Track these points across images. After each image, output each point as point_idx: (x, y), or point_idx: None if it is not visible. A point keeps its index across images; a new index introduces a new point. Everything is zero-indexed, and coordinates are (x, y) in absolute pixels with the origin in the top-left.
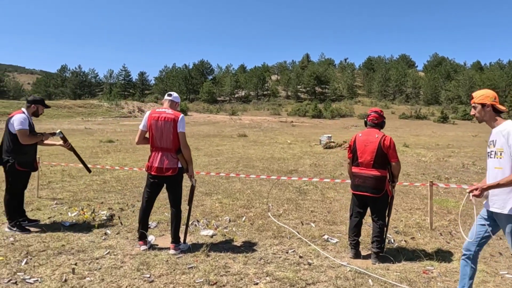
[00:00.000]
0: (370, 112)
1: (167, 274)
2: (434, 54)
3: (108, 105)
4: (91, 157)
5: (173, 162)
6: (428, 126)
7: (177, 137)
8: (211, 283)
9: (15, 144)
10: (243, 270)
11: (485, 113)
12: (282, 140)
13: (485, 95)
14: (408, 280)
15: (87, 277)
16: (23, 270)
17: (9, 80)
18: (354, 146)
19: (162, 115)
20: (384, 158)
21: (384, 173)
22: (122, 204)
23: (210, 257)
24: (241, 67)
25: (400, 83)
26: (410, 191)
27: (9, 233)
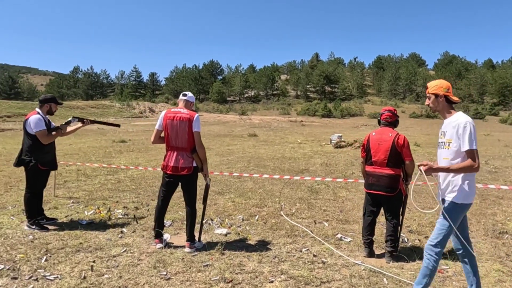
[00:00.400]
0: (383, 111)
1: (183, 271)
2: (445, 52)
3: (120, 105)
4: (105, 157)
5: (188, 161)
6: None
7: (192, 136)
8: (226, 280)
9: (36, 144)
10: (258, 268)
11: (438, 104)
12: (292, 140)
13: (438, 85)
14: None
15: (105, 274)
16: (43, 267)
17: (23, 81)
18: (368, 144)
19: (178, 115)
20: (398, 156)
21: (398, 171)
22: (137, 203)
23: (225, 255)
24: (250, 67)
25: (410, 82)
26: (422, 190)
27: (28, 231)
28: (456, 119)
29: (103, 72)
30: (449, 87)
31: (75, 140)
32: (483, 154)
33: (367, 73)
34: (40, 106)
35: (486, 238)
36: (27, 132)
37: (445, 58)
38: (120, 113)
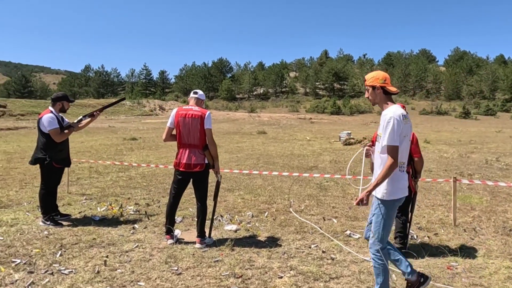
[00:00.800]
0: None
1: (194, 267)
2: (456, 48)
3: (130, 103)
4: (116, 154)
5: (200, 158)
6: (449, 122)
7: (204, 134)
8: (236, 276)
9: (50, 143)
10: (267, 264)
11: (376, 96)
12: (301, 137)
13: (375, 77)
14: (432, 276)
15: (118, 269)
16: (58, 262)
17: (36, 80)
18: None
19: (189, 112)
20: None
21: (407, 168)
22: (148, 200)
23: (235, 251)
24: (259, 65)
25: (420, 79)
26: (432, 187)
27: (43, 226)
28: (387, 113)
29: (114, 71)
30: (386, 78)
31: (87, 138)
32: (493, 151)
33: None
34: (53, 105)
35: (496, 235)
36: (41, 131)
37: (455, 54)
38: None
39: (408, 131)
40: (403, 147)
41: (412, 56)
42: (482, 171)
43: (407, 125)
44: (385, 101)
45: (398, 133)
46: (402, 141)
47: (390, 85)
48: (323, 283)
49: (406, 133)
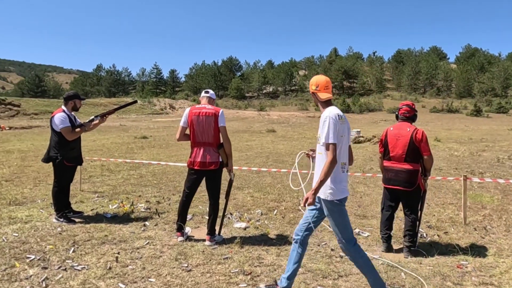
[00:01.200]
0: (401, 105)
1: (203, 264)
2: (467, 45)
3: (141, 102)
4: (127, 152)
5: (215, 156)
6: (460, 120)
7: (218, 132)
8: (246, 273)
9: (62, 141)
10: (276, 262)
11: (316, 101)
12: (310, 135)
13: (310, 83)
14: (441, 274)
15: (129, 265)
16: (71, 258)
17: (49, 80)
18: (386, 139)
19: (203, 110)
20: (416, 151)
21: (417, 166)
22: (159, 197)
23: (244, 249)
24: (268, 63)
25: (431, 76)
26: (442, 185)
27: (56, 223)
28: (323, 115)
29: (125, 70)
30: (319, 85)
31: (99, 137)
32: (505, 149)
33: (387, 68)
34: (65, 104)
35: (508, 234)
36: (53, 130)
37: (467, 51)
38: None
39: (344, 131)
40: (342, 147)
41: (423, 53)
42: (494, 169)
43: (343, 125)
44: (323, 106)
45: (334, 131)
46: (341, 141)
47: (322, 92)
48: (331, 280)
49: (343, 133)
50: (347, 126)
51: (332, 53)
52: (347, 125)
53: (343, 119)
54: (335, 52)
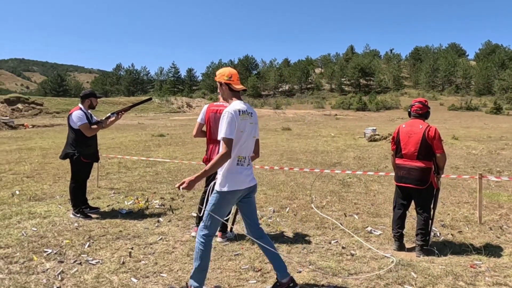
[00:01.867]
0: (414, 102)
1: (214, 260)
2: (487, 41)
3: (159, 101)
4: (144, 150)
5: None
6: (479, 118)
7: None
8: (256, 269)
9: (79, 138)
10: (287, 259)
11: (223, 92)
12: (325, 133)
13: (221, 73)
14: (454, 274)
15: (142, 260)
16: (86, 253)
17: (70, 79)
18: (398, 137)
19: (221, 108)
20: (429, 149)
21: (429, 164)
22: (173, 194)
23: (255, 246)
24: (285, 61)
25: (449, 73)
26: (458, 184)
27: (73, 219)
28: (226, 109)
29: (144, 69)
30: (232, 75)
31: (117, 135)
32: None
33: (404, 65)
34: (82, 102)
35: None
36: (70, 127)
37: (487, 47)
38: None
39: (245, 127)
40: (243, 141)
41: (441, 50)
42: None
43: (245, 121)
44: (230, 97)
45: (231, 126)
46: (241, 136)
47: (235, 83)
48: (341, 278)
49: (243, 129)
50: (253, 121)
51: (348, 50)
52: (251, 121)
53: (245, 115)
54: (351, 49)
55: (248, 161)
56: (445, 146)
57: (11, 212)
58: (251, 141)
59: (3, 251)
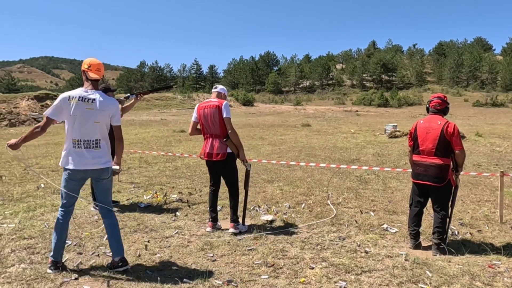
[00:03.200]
0: (432, 98)
1: (228, 254)
2: None
3: (181, 97)
4: (165, 145)
5: (222, 147)
6: (506, 114)
7: (223, 123)
8: (268, 265)
9: None
10: (300, 255)
11: (85, 79)
12: (345, 129)
13: (84, 62)
14: (471, 274)
15: (157, 253)
16: (104, 245)
17: None
18: (415, 133)
19: (208, 104)
20: (447, 145)
21: (447, 161)
22: (191, 189)
23: (269, 241)
24: (305, 57)
25: (474, 69)
26: (480, 182)
27: (94, 212)
28: None
29: (167, 66)
30: (91, 65)
31: (140, 131)
32: None
33: (427, 60)
34: None
35: None
36: None
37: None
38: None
39: (78, 111)
40: (77, 125)
41: (466, 45)
42: None
43: (78, 106)
44: (86, 84)
45: (54, 108)
46: (74, 120)
47: (93, 72)
48: (354, 275)
49: (76, 113)
50: (93, 107)
51: (370, 46)
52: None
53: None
54: (373, 45)
55: (88, 144)
56: (468, 142)
57: (35, 204)
58: (90, 126)
59: (26, 242)
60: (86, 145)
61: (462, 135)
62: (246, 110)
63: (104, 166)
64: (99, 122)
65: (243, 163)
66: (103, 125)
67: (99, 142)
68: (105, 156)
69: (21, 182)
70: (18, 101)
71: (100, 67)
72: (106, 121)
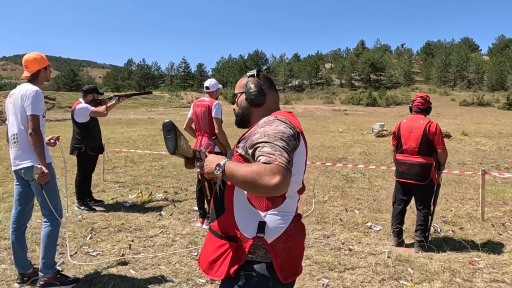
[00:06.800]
0: (415, 97)
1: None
2: (500, 36)
3: (169, 96)
4: (152, 144)
5: (208, 145)
6: (491, 114)
7: (212, 122)
8: None
9: (84, 132)
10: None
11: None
12: (333, 128)
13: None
14: (451, 270)
15: (141, 252)
16: (88, 244)
17: (83, 74)
18: (399, 132)
19: (201, 103)
20: (430, 144)
21: (430, 160)
22: (177, 188)
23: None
24: (294, 56)
25: (461, 69)
26: (464, 180)
27: (77, 211)
28: None
29: (155, 64)
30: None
31: (127, 129)
32: None
33: (415, 60)
34: (84, 97)
35: None
36: (75, 122)
37: (500, 42)
38: (169, 104)
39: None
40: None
41: (453, 45)
42: None
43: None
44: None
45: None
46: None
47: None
48: (337, 273)
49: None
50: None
51: (359, 45)
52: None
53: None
54: (362, 44)
55: (14, 141)
56: (454, 141)
57: None
58: (14, 121)
59: (7, 242)
60: (13, 141)
61: (448, 134)
62: None
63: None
64: (14, 113)
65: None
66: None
67: (16, 137)
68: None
69: (3, 182)
70: (1, 99)
71: (28, 63)
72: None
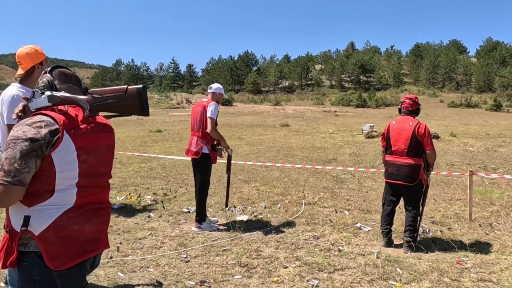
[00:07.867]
0: (404, 99)
1: (202, 255)
2: (488, 38)
3: (158, 97)
4: (141, 146)
5: (199, 146)
6: (479, 115)
7: (206, 122)
8: (242, 265)
9: None
10: (274, 254)
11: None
12: (324, 130)
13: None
14: (439, 270)
15: (130, 255)
16: None
17: None
18: (388, 133)
19: (200, 103)
20: (419, 145)
21: (419, 161)
22: (166, 190)
23: (244, 241)
24: (285, 58)
25: (450, 70)
26: (452, 181)
27: None
28: None
29: (144, 65)
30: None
31: (116, 130)
32: None
33: (404, 62)
34: None
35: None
36: None
37: (488, 44)
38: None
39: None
40: None
41: (442, 47)
42: (508, 165)
43: None
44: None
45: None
46: None
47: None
48: (327, 274)
49: None
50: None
51: (349, 47)
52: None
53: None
54: (352, 46)
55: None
56: (443, 142)
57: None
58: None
59: None
60: None
61: (437, 136)
62: (225, 110)
63: None
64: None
65: (225, 150)
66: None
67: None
68: None
69: None
70: None
71: (21, 60)
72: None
